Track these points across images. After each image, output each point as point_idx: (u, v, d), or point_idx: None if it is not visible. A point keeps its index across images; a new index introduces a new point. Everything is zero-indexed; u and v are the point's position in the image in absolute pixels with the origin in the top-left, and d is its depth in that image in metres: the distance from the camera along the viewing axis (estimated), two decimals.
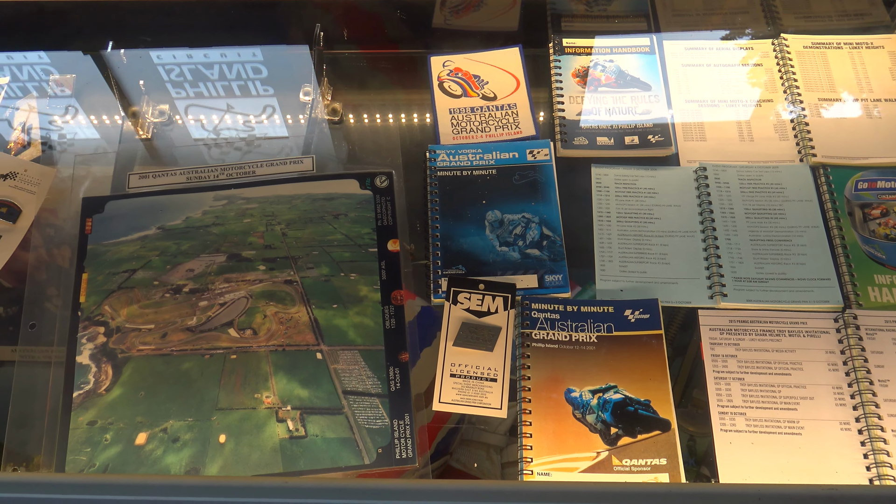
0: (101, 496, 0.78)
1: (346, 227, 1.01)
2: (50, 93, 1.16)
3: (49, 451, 0.89)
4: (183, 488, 0.77)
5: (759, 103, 1.11)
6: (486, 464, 1.05)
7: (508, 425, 1.00)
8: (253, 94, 1.17)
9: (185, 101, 1.16)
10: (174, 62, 1.18)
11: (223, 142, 1.11)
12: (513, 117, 1.11)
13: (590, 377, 0.90)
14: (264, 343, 0.93)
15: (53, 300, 0.99)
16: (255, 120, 1.14)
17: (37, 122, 1.13)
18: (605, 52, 1.16)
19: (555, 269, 0.98)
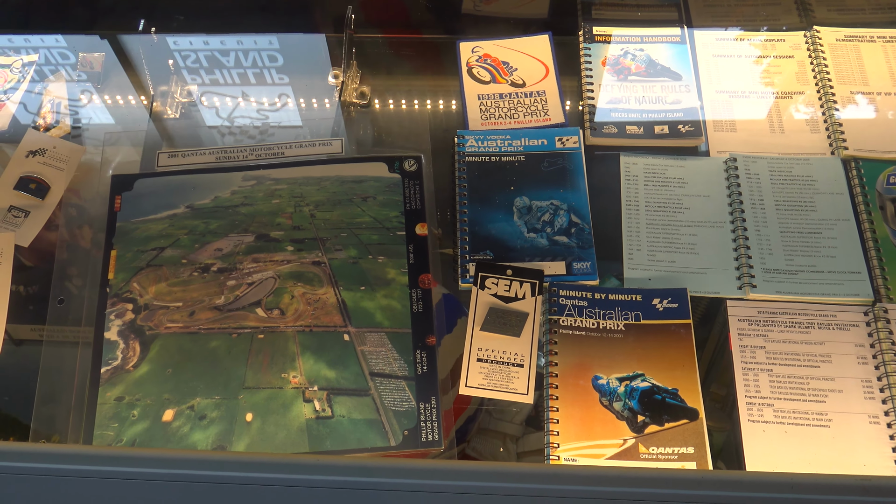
0: (130, 468, 0.79)
1: (375, 210, 1.00)
2: (78, 70, 1.17)
3: (76, 426, 0.89)
4: (212, 463, 0.78)
5: (790, 95, 1.10)
6: (501, 453, 1.05)
7: (525, 415, 1.00)
8: (270, 79, 1.17)
9: (206, 88, 1.17)
10: (190, 48, 1.18)
11: (251, 127, 1.11)
12: (541, 104, 1.11)
13: (617, 365, 0.90)
14: (292, 323, 0.93)
15: (79, 277, 1.00)
16: (288, 104, 1.14)
17: (65, 100, 1.14)
18: (636, 41, 1.16)
19: (583, 256, 0.97)
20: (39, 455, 0.79)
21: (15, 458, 0.78)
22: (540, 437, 0.94)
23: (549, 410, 0.88)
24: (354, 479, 0.78)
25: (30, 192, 1.04)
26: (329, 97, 1.14)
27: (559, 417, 0.87)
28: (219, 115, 1.13)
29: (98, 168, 1.06)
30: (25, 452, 0.80)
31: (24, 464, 0.79)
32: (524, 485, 0.76)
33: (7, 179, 1.06)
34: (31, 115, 1.13)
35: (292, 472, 0.77)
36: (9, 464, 0.78)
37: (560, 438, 0.86)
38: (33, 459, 0.79)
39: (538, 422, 0.95)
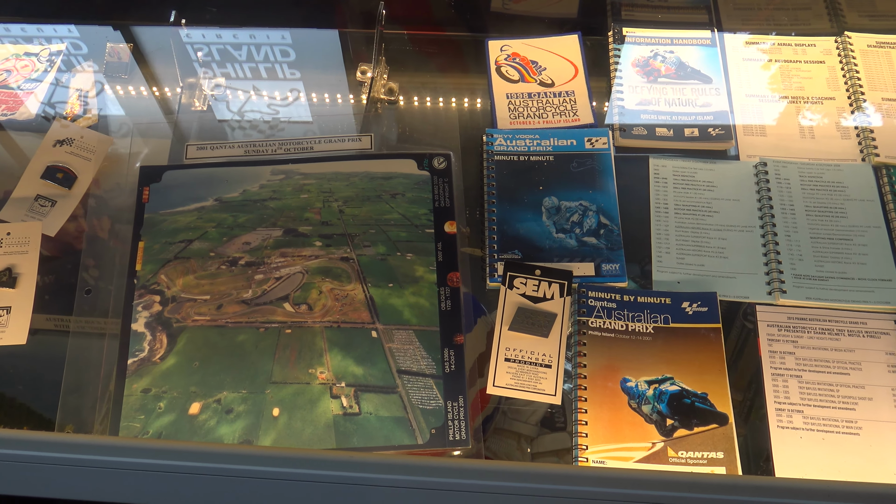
0: (157, 461, 0.78)
1: (404, 207, 1.00)
2: (106, 61, 1.16)
3: (103, 417, 0.89)
4: (240, 457, 0.77)
5: (820, 100, 1.10)
6: (516, 453, 1.05)
7: (540, 416, 0.99)
8: (281, 74, 1.17)
9: (233, 81, 1.17)
10: (203, 41, 1.18)
11: (278, 122, 1.11)
12: (570, 104, 1.10)
13: (646, 367, 0.90)
14: (319, 319, 0.93)
15: (100, 269, 0.99)
16: (313, 98, 1.13)
17: (93, 90, 1.14)
18: (666, 42, 1.15)
19: (612, 257, 0.97)
20: (67, 445, 0.79)
21: (42, 448, 0.78)
22: (554, 439, 0.94)
23: (578, 412, 0.87)
24: (383, 476, 0.78)
25: (57, 181, 1.04)
26: (348, 93, 1.13)
27: (588, 419, 0.86)
28: (229, 108, 1.12)
29: (126, 159, 1.06)
30: (52, 442, 0.80)
31: (51, 454, 0.79)
32: (556, 486, 0.76)
33: (34, 168, 1.05)
34: (59, 104, 1.13)
35: (321, 468, 0.77)
36: (35, 453, 0.78)
37: (588, 440, 0.85)
38: (60, 450, 0.79)
39: (552, 423, 0.95)
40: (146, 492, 0.82)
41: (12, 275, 0.97)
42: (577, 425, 0.86)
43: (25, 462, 0.80)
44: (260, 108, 1.11)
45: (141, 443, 0.82)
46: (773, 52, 1.15)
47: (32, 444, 0.79)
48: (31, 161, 1.06)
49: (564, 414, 0.94)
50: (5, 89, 1.14)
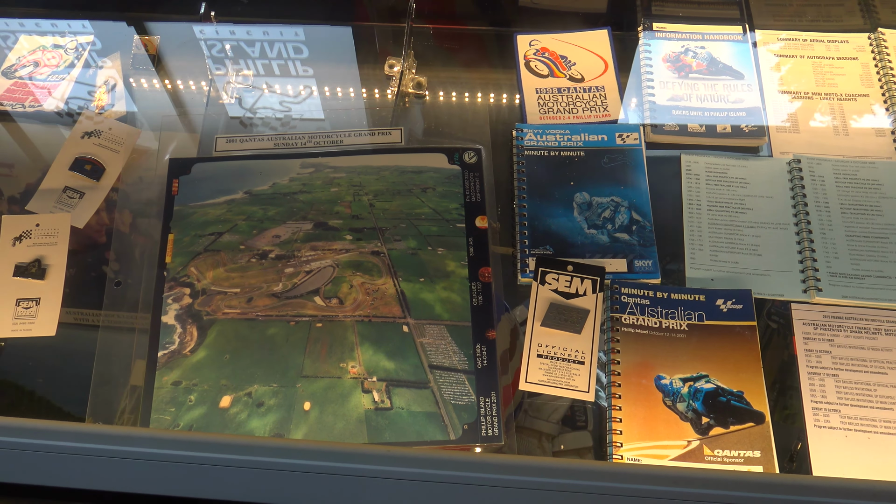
0: (189, 452, 0.78)
1: (434, 201, 0.99)
2: (133, 53, 1.16)
3: (133, 409, 0.89)
4: (273, 450, 0.77)
5: (854, 97, 1.09)
6: (537, 451, 1.04)
7: (561, 414, 0.98)
8: (294, 71, 1.16)
9: (260, 75, 1.16)
10: (216, 37, 1.17)
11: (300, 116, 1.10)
12: (601, 100, 1.09)
13: (680, 365, 0.89)
14: (350, 313, 0.92)
15: (128, 261, 0.99)
16: (338, 91, 1.13)
17: (121, 82, 1.13)
18: (697, 38, 1.14)
19: (644, 254, 0.96)
20: (98, 436, 0.79)
21: (73, 439, 0.78)
22: (576, 437, 0.93)
23: (612, 409, 0.86)
24: (418, 471, 0.77)
25: (85, 173, 1.04)
26: (373, 88, 1.13)
27: (622, 416, 0.86)
28: (242, 105, 1.12)
29: (153, 151, 1.05)
30: (84, 433, 0.79)
31: (83, 444, 0.78)
32: (595, 483, 0.75)
33: (62, 160, 1.05)
34: (86, 96, 1.12)
35: (355, 462, 0.77)
36: (66, 444, 0.78)
37: (623, 438, 0.84)
38: (92, 440, 0.78)
39: (574, 421, 0.94)
40: (179, 484, 0.81)
41: (41, 266, 0.97)
42: (612, 422, 0.85)
43: (56, 453, 0.79)
44: (273, 104, 1.10)
45: (174, 435, 0.82)
46: (806, 48, 1.14)
47: (63, 435, 0.78)
48: (60, 153, 1.06)
49: (586, 412, 0.93)
50: (33, 81, 1.14)
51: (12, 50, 1.18)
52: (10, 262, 0.97)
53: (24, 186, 1.06)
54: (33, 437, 0.78)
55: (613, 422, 0.85)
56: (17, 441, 0.78)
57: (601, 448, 0.88)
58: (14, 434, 0.78)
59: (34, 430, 0.78)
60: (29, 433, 0.78)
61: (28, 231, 0.99)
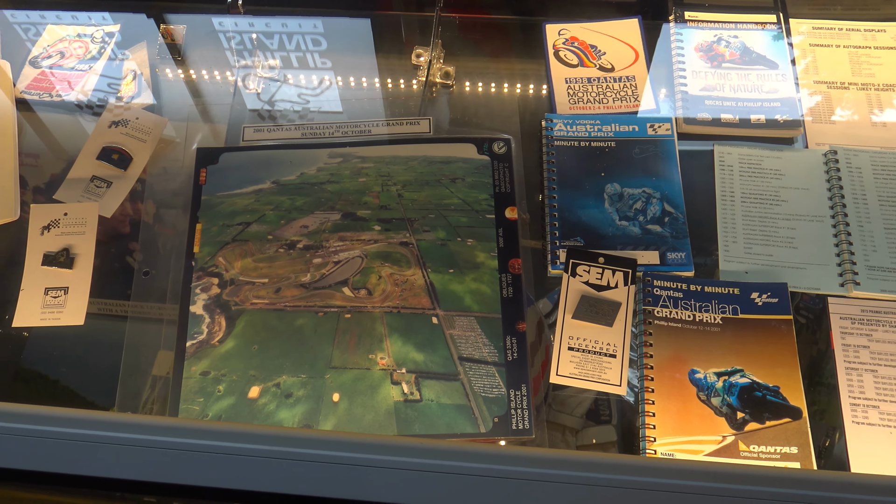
0: (219, 443, 0.77)
1: (463, 192, 0.98)
2: (160, 42, 1.16)
3: (157, 399, 0.89)
4: (303, 441, 0.76)
5: (891, 88, 1.06)
6: (561, 445, 1.03)
7: (585, 408, 0.97)
8: (312, 63, 1.15)
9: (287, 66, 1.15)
10: (234, 30, 1.17)
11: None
12: (631, 90, 1.08)
13: (714, 359, 0.87)
14: (379, 304, 0.91)
15: (154, 251, 0.99)
16: (363, 82, 1.12)
17: (147, 71, 1.13)
18: (729, 27, 1.12)
19: (677, 246, 0.95)
20: (126, 425, 0.78)
21: (104, 428, 0.78)
22: (600, 431, 0.92)
23: (645, 403, 0.85)
24: (449, 463, 0.76)
25: (112, 162, 1.04)
26: (399, 77, 1.12)
27: (655, 410, 0.84)
28: (259, 98, 1.10)
29: (180, 141, 1.05)
30: (113, 422, 0.79)
31: (111, 433, 0.78)
32: (628, 477, 0.74)
33: (90, 149, 1.05)
34: (112, 86, 1.12)
35: (386, 454, 0.76)
36: (95, 432, 0.78)
37: (656, 432, 0.83)
38: (121, 429, 0.78)
39: (598, 416, 0.93)
40: (208, 474, 0.81)
41: (69, 255, 0.97)
42: (644, 416, 0.84)
43: (84, 442, 0.79)
44: (291, 96, 1.09)
45: (204, 425, 0.81)
46: (842, 37, 1.11)
47: (92, 424, 0.78)
48: (87, 142, 1.05)
49: (610, 406, 0.92)
50: (59, 70, 1.14)
51: (38, 40, 1.17)
52: (38, 251, 0.97)
53: (48, 177, 1.06)
54: (63, 426, 0.78)
55: (646, 416, 0.84)
56: (45, 430, 0.78)
57: (626, 442, 0.87)
58: (43, 423, 0.78)
59: (64, 419, 0.78)
60: (59, 422, 0.78)
61: (56, 220, 0.99)
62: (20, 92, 1.12)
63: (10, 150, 1.07)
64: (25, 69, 1.14)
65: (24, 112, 1.11)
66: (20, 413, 0.78)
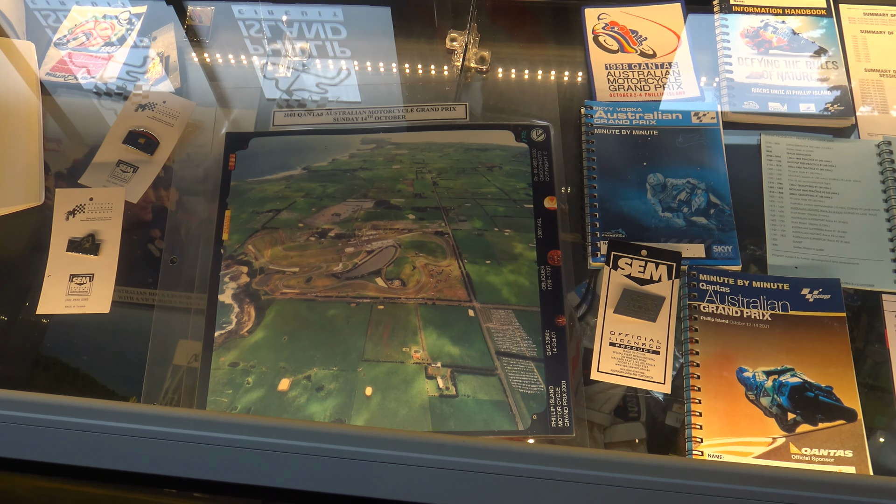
0: (248, 437, 0.75)
1: (501, 181, 0.95)
2: (187, 24, 1.13)
3: (189, 390, 0.86)
4: (335, 436, 0.73)
5: None
6: (589, 442, 1.00)
7: (614, 405, 0.94)
8: (331, 52, 1.11)
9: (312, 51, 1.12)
10: (254, 17, 1.13)
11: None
12: (674, 77, 1.04)
13: (763, 357, 0.83)
14: (413, 295, 0.88)
15: (189, 237, 0.96)
16: (392, 67, 1.09)
17: (174, 54, 1.10)
18: (777, 12, 1.08)
19: (723, 239, 0.91)
20: (154, 418, 0.76)
21: (129, 420, 0.75)
22: (628, 429, 0.88)
23: (691, 402, 0.81)
24: (487, 462, 0.73)
25: (139, 146, 1.01)
26: (428, 62, 1.08)
27: (701, 410, 0.81)
28: (278, 87, 1.07)
29: (208, 125, 1.02)
30: (139, 414, 0.76)
31: (138, 426, 0.76)
32: (676, 480, 0.70)
33: (116, 133, 1.02)
34: (139, 68, 1.09)
35: (422, 452, 0.73)
36: (121, 424, 0.75)
37: (703, 433, 0.79)
38: (148, 422, 0.76)
39: (626, 413, 0.89)
40: (238, 470, 0.78)
41: (95, 241, 0.94)
42: (690, 416, 0.81)
43: (108, 433, 0.77)
44: (310, 85, 1.06)
45: (234, 418, 0.79)
46: (895, 24, 1.07)
47: (116, 416, 0.76)
48: (113, 125, 1.03)
49: (638, 403, 0.89)
50: (85, 52, 1.11)
51: (64, 21, 1.15)
52: (63, 237, 0.95)
53: (71, 162, 1.03)
54: (85, 417, 0.76)
55: (692, 416, 0.81)
56: (69, 421, 0.76)
57: (655, 440, 0.84)
58: (67, 413, 0.76)
59: (86, 410, 0.76)
60: (83, 413, 0.76)
61: (82, 205, 0.97)
62: (45, 74, 1.10)
63: (34, 133, 1.04)
64: (50, 51, 1.12)
65: (48, 95, 1.09)
66: (41, 403, 0.76)
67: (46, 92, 1.09)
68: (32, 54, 1.11)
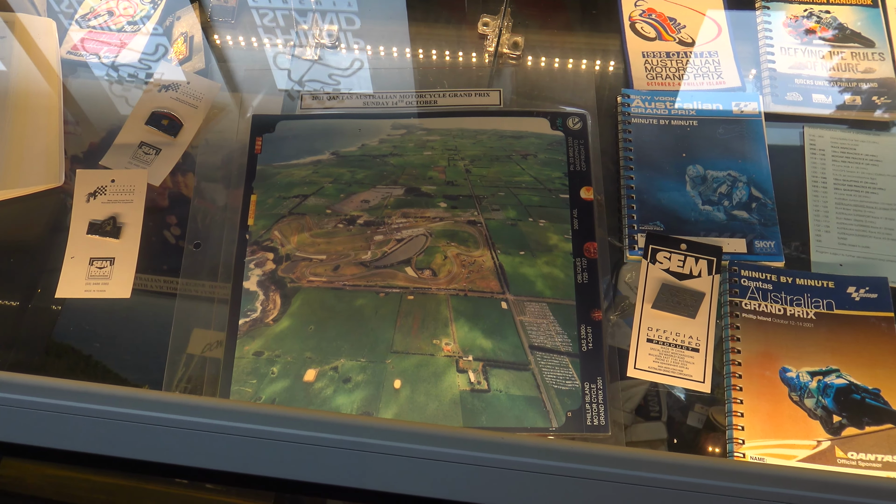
0: (273, 428, 0.72)
1: (535, 170, 0.92)
2: (212, 4, 1.10)
3: (212, 379, 0.83)
4: (364, 429, 0.71)
5: None
6: (609, 440, 0.98)
7: (635, 403, 0.91)
8: (347, 43, 1.08)
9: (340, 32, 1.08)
10: (268, 6, 1.10)
11: None
12: (714, 66, 1.00)
13: (807, 357, 0.80)
14: (444, 286, 0.85)
15: (214, 221, 0.93)
16: (422, 52, 1.06)
17: (199, 34, 1.07)
18: (821, 1, 1.04)
19: (766, 234, 0.88)
20: (177, 406, 0.73)
21: (152, 408, 0.73)
22: (649, 428, 0.86)
23: (732, 402, 0.79)
24: (521, 460, 0.70)
25: (162, 128, 0.98)
26: (456, 48, 1.05)
27: (743, 410, 0.78)
28: (290, 77, 1.04)
29: (236, 107, 0.99)
30: (162, 402, 0.74)
31: (160, 414, 0.73)
32: (718, 482, 0.68)
33: (138, 114, 1.00)
34: (163, 48, 1.07)
35: (454, 447, 0.70)
36: (143, 412, 0.73)
37: (745, 434, 0.77)
38: (171, 410, 0.73)
39: (647, 412, 0.86)
40: (261, 462, 0.76)
41: (116, 224, 0.92)
42: (732, 416, 0.78)
43: (127, 422, 0.74)
44: (320, 77, 1.03)
45: (260, 408, 0.76)
46: None
47: (135, 403, 0.73)
48: (136, 106, 1.00)
49: (660, 402, 0.86)
50: (107, 31, 1.09)
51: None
52: (84, 219, 0.92)
53: (87, 145, 1.00)
54: (107, 405, 0.73)
55: (734, 416, 0.78)
56: (80, 406, 0.73)
57: (676, 440, 0.81)
58: (86, 400, 0.73)
59: (107, 397, 0.73)
60: (102, 399, 0.73)
61: (103, 187, 0.94)
62: (66, 53, 1.07)
63: (55, 113, 1.02)
64: (71, 29, 1.09)
65: (69, 76, 1.06)
66: (49, 388, 0.73)
67: (67, 71, 1.06)
68: (53, 32, 1.08)
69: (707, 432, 0.83)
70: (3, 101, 1.00)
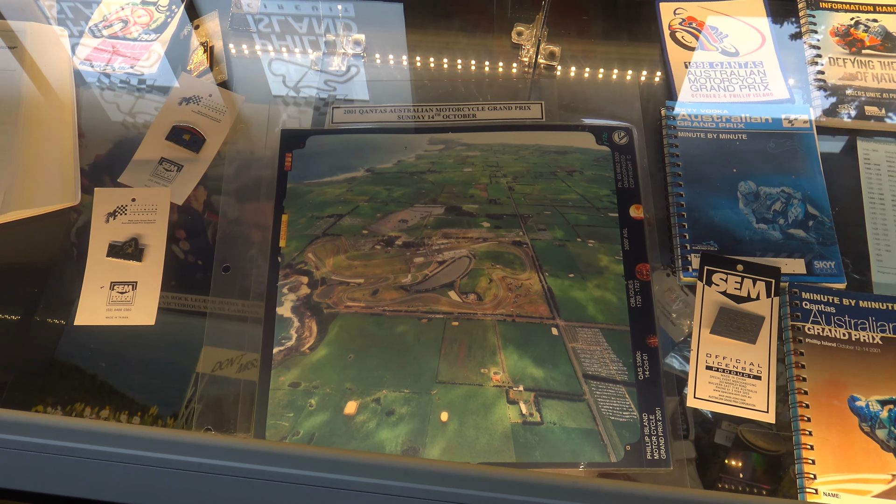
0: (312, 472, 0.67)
1: (582, 187, 0.87)
2: (232, 13, 1.05)
3: (246, 413, 0.78)
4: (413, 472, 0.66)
5: None
6: (672, 475, 0.93)
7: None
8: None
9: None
10: (265, 12, 1.06)
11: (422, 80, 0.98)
12: (760, 77, 0.96)
13: (876, 385, 0.76)
14: (490, 311, 0.81)
15: (242, 245, 0.88)
16: (458, 62, 1.01)
17: (220, 44, 1.02)
18: (868, 10, 1.01)
19: (825, 254, 0.84)
20: (204, 448, 0.68)
21: (176, 451, 0.67)
22: (677, 448, 0.81)
23: (801, 434, 0.74)
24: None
25: (183, 143, 0.93)
26: (484, 59, 1.00)
27: (813, 443, 0.74)
28: (285, 84, 0.98)
29: (263, 120, 0.94)
30: (186, 444, 0.68)
31: (185, 457, 0.67)
32: None
33: (158, 128, 0.95)
34: (181, 59, 1.01)
35: (508, 492, 0.65)
36: (167, 456, 0.67)
37: (816, 469, 0.72)
38: (198, 453, 0.67)
39: (675, 431, 0.82)
40: None
41: (138, 246, 0.87)
42: (801, 449, 0.74)
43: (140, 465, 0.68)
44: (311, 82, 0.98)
45: (296, 449, 0.71)
46: None
47: (162, 446, 0.67)
48: (155, 120, 0.95)
49: (687, 421, 0.82)
50: (122, 41, 1.03)
51: (99, 6, 1.07)
52: (103, 241, 0.87)
53: (93, 158, 0.95)
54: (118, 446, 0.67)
55: (803, 448, 0.74)
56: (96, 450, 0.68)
57: (703, 460, 0.77)
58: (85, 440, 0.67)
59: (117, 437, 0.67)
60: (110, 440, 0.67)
61: (123, 206, 0.89)
62: (78, 64, 1.02)
63: (68, 128, 0.96)
64: (84, 38, 1.04)
65: (79, 86, 1.00)
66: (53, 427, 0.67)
67: (80, 82, 1.01)
68: (64, 42, 1.03)
69: (737, 451, 0.79)
70: (16, 114, 0.95)
